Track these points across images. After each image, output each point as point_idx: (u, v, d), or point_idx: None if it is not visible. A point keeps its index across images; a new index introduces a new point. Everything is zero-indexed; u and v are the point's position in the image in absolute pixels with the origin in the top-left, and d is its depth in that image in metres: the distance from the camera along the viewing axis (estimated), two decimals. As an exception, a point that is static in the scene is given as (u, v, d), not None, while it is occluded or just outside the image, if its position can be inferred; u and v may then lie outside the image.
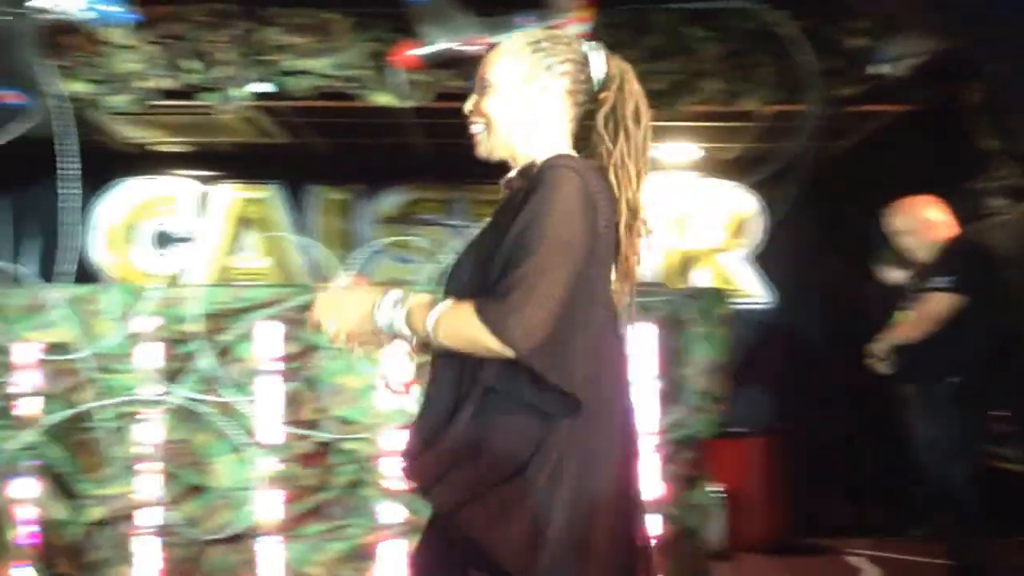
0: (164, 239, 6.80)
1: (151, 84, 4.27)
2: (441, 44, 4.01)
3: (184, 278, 6.64)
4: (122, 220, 6.79)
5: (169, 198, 6.83)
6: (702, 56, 4.41)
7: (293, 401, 4.33)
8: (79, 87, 4.20)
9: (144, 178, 6.77)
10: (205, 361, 4.27)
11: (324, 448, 4.35)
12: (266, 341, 4.32)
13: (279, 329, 4.34)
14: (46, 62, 3.93)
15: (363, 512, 4.33)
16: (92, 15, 3.77)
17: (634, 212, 2.07)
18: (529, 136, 2.11)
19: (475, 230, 5.04)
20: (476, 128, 2.16)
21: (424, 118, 5.47)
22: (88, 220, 6.58)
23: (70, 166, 4.14)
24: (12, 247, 6.83)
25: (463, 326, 1.90)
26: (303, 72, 4.30)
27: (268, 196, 6.88)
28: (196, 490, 4.36)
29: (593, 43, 2.14)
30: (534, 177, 2.00)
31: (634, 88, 2.11)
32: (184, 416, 4.33)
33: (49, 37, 3.89)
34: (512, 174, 2.13)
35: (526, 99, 2.10)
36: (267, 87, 4.45)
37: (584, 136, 2.13)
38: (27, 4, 3.53)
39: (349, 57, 4.24)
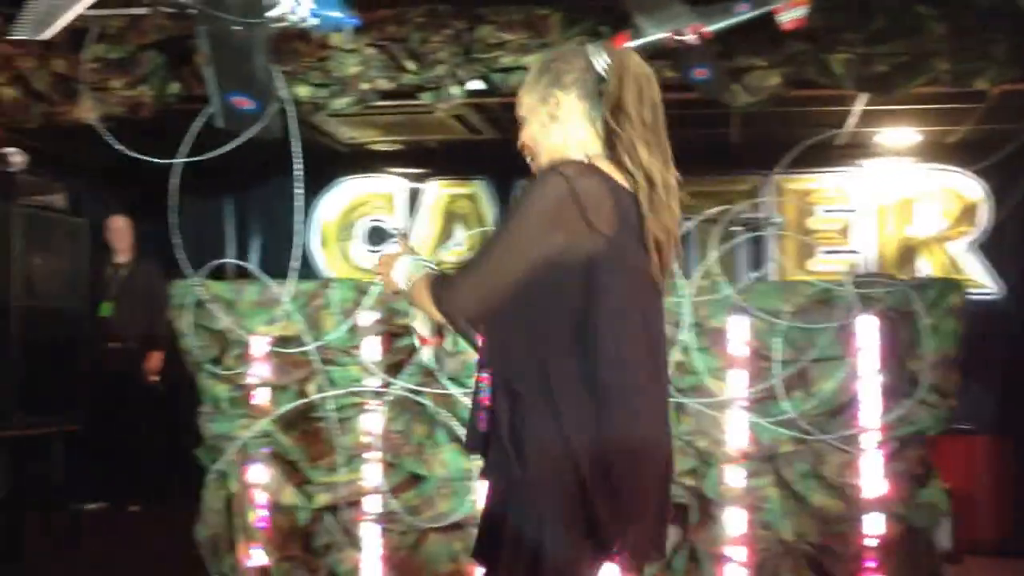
0: (377, 235, 7.02)
1: (369, 86, 4.40)
2: (654, 34, 3.96)
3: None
4: (338, 217, 7.05)
5: (381, 195, 7.05)
6: (929, 36, 4.20)
7: (509, 393, 4.38)
8: (304, 91, 4.37)
9: (358, 176, 7.01)
10: (424, 354, 4.37)
11: (540, 440, 4.38)
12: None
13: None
14: (276, 68, 4.12)
15: (579, 504, 4.34)
16: (317, 22, 3.92)
17: (651, 184, 2.15)
18: (564, 149, 2.24)
19: (689, 222, 4.94)
20: (528, 159, 2.32)
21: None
22: (308, 218, 6.87)
23: (297, 167, 4.32)
24: (237, 244, 7.21)
25: (420, 295, 2.19)
26: (514, 68, 4.34)
27: (475, 191, 7.00)
28: (416, 479, 4.48)
29: (592, 45, 2.26)
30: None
31: (634, 72, 2.20)
32: (405, 407, 4.46)
33: (278, 44, 4.07)
34: None
35: (547, 117, 2.25)
36: (478, 84, 4.52)
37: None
38: (265, 15, 3.70)
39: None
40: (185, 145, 4.24)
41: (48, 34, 3.72)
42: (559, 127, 2.25)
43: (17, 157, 2.56)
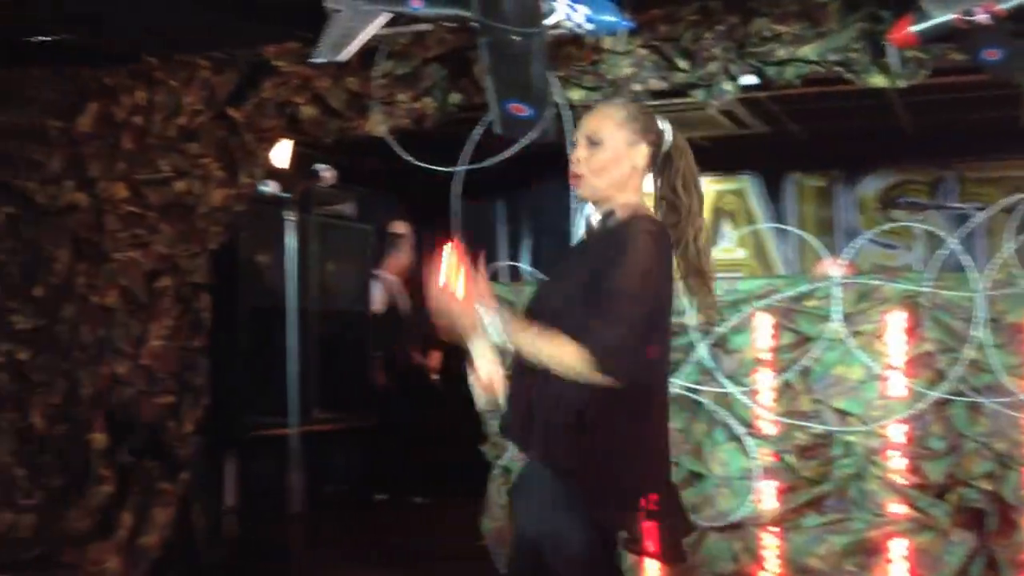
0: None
1: (641, 87, 4.42)
2: (941, 16, 3.76)
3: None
4: (605, 217, 7.14)
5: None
6: None
7: (789, 392, 4.31)
8: (577, 95, 4.45)
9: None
10: (701, 352, 4.37)
11: (823, 440, 4.28)
12: (762, 332, 4.34)
13: (774, 320, 4.34)
14: (552, 74, 4.21)
15: (865, 506, 4.22)
16: (592, 27, 3.97)
17: (700, 252, 2.65)
18: (623, 187, 2.64)
19: (973, 212, 4.69)
20: (577, 179, 2.64)
21: (909, 96, 5.21)
22: (578, 218, 6.98)
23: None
24: (509, 246, 7.43)
25: (566, 356, 2.41)
26: (789, 61, 4.24)
27: (744, 186, 6.91)
28: (695, 477, 4.47)
29: (663, 121, 2.70)
30: (620, 230, 2.53)
31: (692, 159, 2.70)
32: (683, 405, 4.46)
33: (552, 50, 4.16)
34: (598, 216, 2.66)
35: (626, 158, 2.62)
36: (752, 79, 4.45)
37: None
38: (542, 24, 3.80)
39: (838, 40, 4.10)
40: (466, 153, 4.42)
41: (345, 56, 3.98)
42: (633, 174, 2.63)
43: (327, 173, 2.79)
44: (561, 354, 2.42)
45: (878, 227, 5.50)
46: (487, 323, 2.49)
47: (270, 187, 2.98)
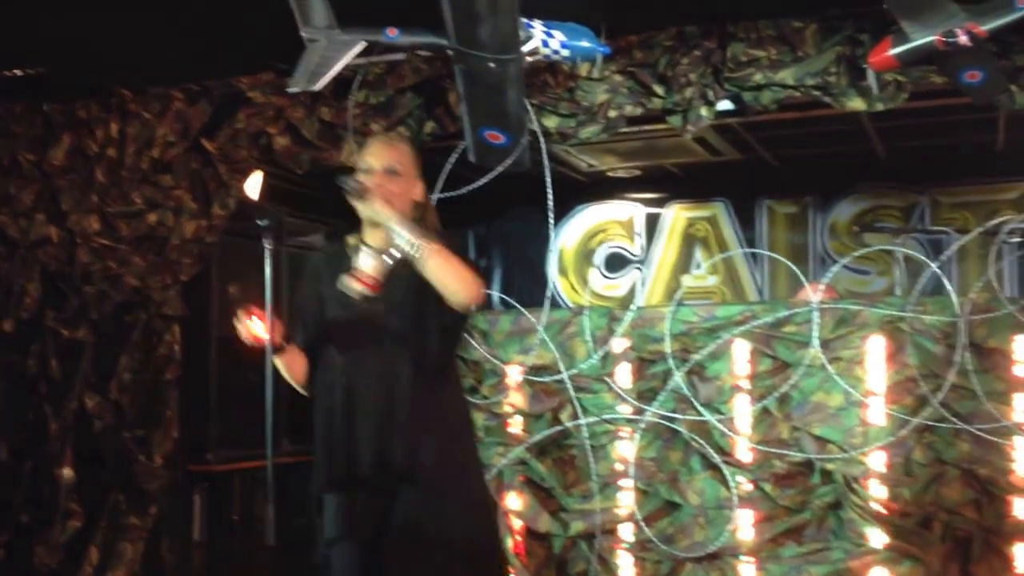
0: (616, 262, 7.01)
1: (617, 113, 4.38)
2: (921, 38, 3.73)
3: (636, 300, 6.80)
4: (576, 245, 7.08)
5: (620, 221, 7.02)
6: None
7: (768, 419, 4.27)
8: (552, 122, 4.40)
9: (596, 203, 7.02)
10: (677, 380, 4.33)
11: (802, 468, 4.25)
12: (739, 359, 4.31)
13: (751, 347, 4.31)
14: (526, 102, 4.17)
15: (845, 535, 4.18)
16: (568, 54, 3.94)
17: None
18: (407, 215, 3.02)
19: (947, 236, 4.65)
20: (380, 200, 2.93)
21: (882, 121, 5.20)
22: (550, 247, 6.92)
23: (544, 198, 4.39)
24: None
25: (460, 266, 2.80)
26: (766, 85, 4.21)
27: (715, 213, 6.88)
28: (671, 506, 4.43)
29: None
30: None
31: None
32: (658, 434, 4.42)
33: (528, 78, 4.12)
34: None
35: (414, 189, 3.09)
36: (728, 104, 4.42)
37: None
38: (518, 51, 3.76)
39: (816, 64, 4.08)
40: (440, 181, 4.39)
41: (319, 85, 3.93)
42: (411, 204, 3.01)
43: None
44: (453, 261, 2.78)
45: (852, 253, 5.48)
46: (396, 229, 2.78)
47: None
